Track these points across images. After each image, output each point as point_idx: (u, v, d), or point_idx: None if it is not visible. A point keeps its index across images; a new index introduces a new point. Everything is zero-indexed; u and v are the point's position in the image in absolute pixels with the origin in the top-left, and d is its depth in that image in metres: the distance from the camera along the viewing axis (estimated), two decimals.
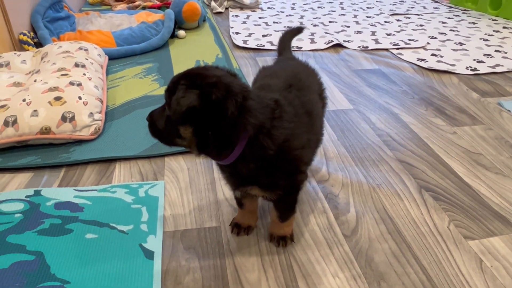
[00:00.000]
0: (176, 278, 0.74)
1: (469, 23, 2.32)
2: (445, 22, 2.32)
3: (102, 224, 0.84)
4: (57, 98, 1.13)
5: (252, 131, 0.65)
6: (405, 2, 2.77)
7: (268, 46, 1.89)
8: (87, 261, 0.76)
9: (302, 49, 1.87)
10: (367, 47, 1.91)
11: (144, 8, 2.31)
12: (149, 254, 0.77)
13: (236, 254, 0.79)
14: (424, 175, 1.04)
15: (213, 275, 0.75)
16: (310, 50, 1.87)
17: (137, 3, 2.37)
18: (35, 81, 1.24)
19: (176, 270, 0.75)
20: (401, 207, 0.93)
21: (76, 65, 1.32)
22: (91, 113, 1.15)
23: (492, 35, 2.11)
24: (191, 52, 1.79)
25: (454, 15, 2.48)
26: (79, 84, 1.21)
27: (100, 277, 0.72)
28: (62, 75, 1.24)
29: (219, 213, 0.90)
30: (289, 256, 0.79)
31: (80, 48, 1.44)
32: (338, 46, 1.92)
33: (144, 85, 1.48)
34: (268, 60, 1.74)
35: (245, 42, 1.93)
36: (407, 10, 2.57)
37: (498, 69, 1.69)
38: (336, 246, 0.82)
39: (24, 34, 1.60)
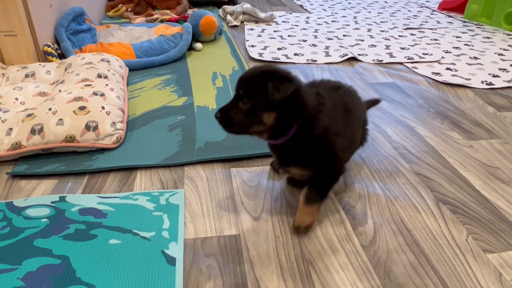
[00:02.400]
0: (198, 284, 0.75)
1: (483, 37, 2.32)
2: (459, 37, 2.33)
3: (125, 230, 0.86)
4: (82, 108, 1.16)
5: (308, 114, 0.81)
6: (419, 16, 2.79)
7: (283, 59, 1.92)
8: (111, 266, 0.78)
9: (317, 62, 1.90)
10: (382, 60, 1.93)
11: (162, 21, 2.37)
12: (171, 260, 0.79)
13: (256, 263, 0.81)
14: (441, 188, 1.04)
15: (233, 283, 0.76)
16: (325, 63, 1.90)
17: (155, 16, 2.44)
18: (60, 91, 1.28)
19: (197, 276, 0.77)
20: (418, 220, 0.93)
21: (99, 76, 1.37)
22: (114, 122, 1.19)
23: (507, 50, 2.11)
24: (208, 64, 1.83)
25: (468, 29, 2.49)
26: (102, 95, 1.24)
27: (124, 281, 0.74)
28: (85, 85, 1.28)
29: (238, 221, 0.92)
30: (308, 265, 0.81)
31: (102, 60, 1.49)
32: (353, 59, 1.94)
33: (163, 96, 1.51)
34: None
35: (260, 55, 1.96)
36: (421, 24, 2.58)
37: None
38: (354, 256, 0.83)
39: (49, 46, 1.66)
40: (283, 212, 0.95)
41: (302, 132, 0.82)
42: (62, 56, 1.73)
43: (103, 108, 1.19)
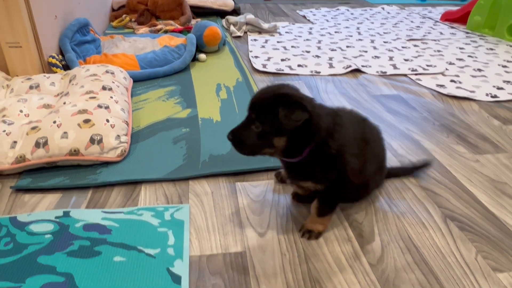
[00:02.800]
0: None
1: (486, 49, 2.33)
2: (462, 48, 2.33)
3: (130, 247, 0.85)
4: (86, 121, 1.16)
5: (322, 137, 0.81)
6: (422, 27, 2.80)
7: (287, 71, 1.92)
8: (116, 284, 0.76)
9: (320, 74, 1.90)
10: (385, 72, 1.93)
11: (166, 32, 2.38)
12: (177, 279, 0.78)
13: (262, 281, 0.80)
14: (448, 204, 1.03)
15: None
16: (329, 74, 1.90)
17: (159, 27, 2.45)
18: (64, 103, 1.28)
19: None
20: (426, 237, 0.92)
21: (104, 88, 1.36)
22: (118, 135, 1.18)
23: (511, 62, 2.11)
24: (211, 76, 1.83)
25: (471, 40, 2.49)
26: (107, 107, 1.24)
27: None
28: (90, 98, 1.28)
29: (244, 238, 0.91)
30: (315, 284, 0.79)
31: (107, 72, 1.49)
32: (357, 71, 1.94)
33: (167, 108, 1.51)
34: None
35: (264, 66, 1.96)
36: (424, 35, 2.59)
37: None
38: (362, 275, 0.81)
39: (53, 57, 1.66)
40: (289, 228, 0.94)
41: (316, 152, 0.82)
42: (66, 67, 1.74)
43: (107, 121, 1.19)
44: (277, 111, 0.76)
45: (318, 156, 0.83)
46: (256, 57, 2.10)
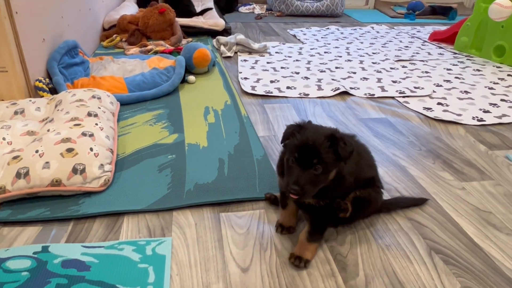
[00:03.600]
0: None
1: (473, 70, 2.36)
2: (450, 69, 2.36)
3: (108, 285, 0.83)
4: (69, 150, 1.15)
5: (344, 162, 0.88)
6: (410, 47, 2.83)
7: (276, 93, 1.93)
8: None
9: (309, 96, 1.91)
10: (373, 94, 1.94)
11: (156, 52, 2.38)
12: None
13: None
14: (433, 235, 1.02)
15: None
16: (318, 97, 1.91)
17: (149, 47, 2.45)
18: (48, 130, 1.26)
19: None
20: (411, 271, 0.91)
21: (89, 114, 1.35)
22: (102, 164, 1.17)
23: (497, 83, 2.14)
24: (200, 98, 1.83)
25: (458, 61, 2.53)
26: (91, 135, 1.23)
27: None
28: (75, 125, 1.27)
29: (226, 274, 0.89)
30: None
31: (93, 97, 1.48)
32: (345, 93, 1.95)
33: (154, 133, 1.50)
34: (276, 107, 1.77)
35: (253, 88, 1.97)
36: (412, 56, 2.62)
37: (504, 120, 1.70)
38: None
39: (40, 81, 1.65)
40: (273, 263, 0.92)
41: (336, 176, 0.89)
42: (54, 90, 1.73)
43: (91, 149, 1.18)
44: (334, 149, 0.84)
45: (335, 180, 0.89)
46: (246, 78, 2.10)
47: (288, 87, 2.00)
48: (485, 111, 1.78)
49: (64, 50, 1.86)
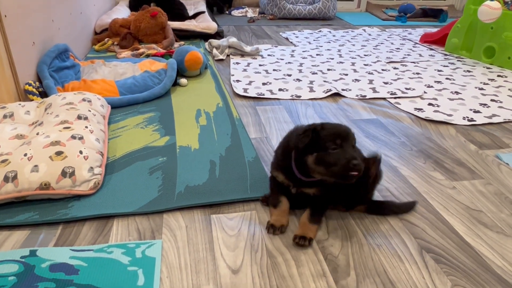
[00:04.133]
0: None
1: (464, 71, 2.38)
2: (440, 70, 2.38)
3: None
4: (58, 153, 1.14)
5: None
6: (401, 49, 2.85)
7: (268, 95, 1.93)
8: None
9: (301, 98, 1.91)
10: (365, 96, 1.95)
11: (148, 56, 2.38)
12: None
13: None
14: (424, 234, 1.03)
15: None
16: (309, 99, 1.91)
17: (141, 50, 2.45)
18: (37, 134, 1.25)
19: None
20: (402, 270, 0.91)
21: (79, 117, 1.34)
22: (91, 167, 1.16)
23: (487, 84, 2.15)
24: (192, 101, 1.83)
25: (449, 62, 2.55)
26: (81, 138, 1.22)
27: None
28: (64, 128, 1.26)
29: (217, 276, 0.88)
30: None
31: (84, 100, 1.47)
32: (337, 94, 1.96)
33: (145, 136, 1.49)
34: (268, 109, 1.77)
35: (245, 90, 1.97)
36: (404, 57, 2.64)
37: (494, 120, 1.71)
38: None
39: (30, 84, 1.64)
40: (263, 264, 0.92)
41: None
42: (44, 94, 1.71)
43: (81, 152, 1.17)
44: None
45: None
46: (238, 81, 2.10)
47: (280, 89, 2.00)
48: (476, 111, 1.80)
49: (55, 53, 1.85)
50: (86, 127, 1.30)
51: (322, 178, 0.98)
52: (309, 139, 0.95)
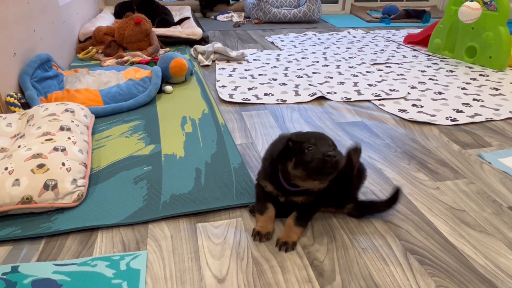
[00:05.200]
0: None
1: (447, 71, 2.41)
2: (424, 71, 2.41)
3: None
4: (40, 166, 1.12)
5: None
6: (386, 51, 2.88)
7: (253, 100, 1.93)
8: None
9: (286, 102, 1.92)
10: (350, 98, 1.96)
11: (132, 63, 2.36)
12: None
13: None
14: (409, 236, 1.04)
15: None
16: (295, 103, 1.92)
17: (125, 58, 2.43)
18: (19, 146, 1.24)
19: None
20: (387, 273, 0.92)
21: (62, 128, 1.33)
22: (74, 179, 1.15)
23: (469, 83, 2.19)
24: (177, 108, 1.82)
25: (432, 63, 2.58)
26: (63, 150, 1.21)
27: None
28: (46, 140, 1.25)
29: (202, 285, 0.88)
30: None
31: (67, 110, 1.46)
32: (322, 98, 1.97)
33: (130, 145, 1.48)
34: (253, 114, 1.78)
35: (231, 96, 1.97)
36: (388, 59, 2.67)
37: (477, 119, 1.74)
38: None
39: (11, 96, 1.62)
40: (249, 272, 0.92)
41: None
42: (27, 105, 1.69)
43: (63, 164, 1.15)
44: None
45: None
46: (223, 86, 2.10)
47: (265, 94, 2.01)
48: (458, 111, 1.82)
49: (37, 63, 1.83)
50: (69, 138, 1.29)
51: (304, 185, 0.98)
52: (283, 147, 0.95)
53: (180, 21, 3.31)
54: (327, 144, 0.95)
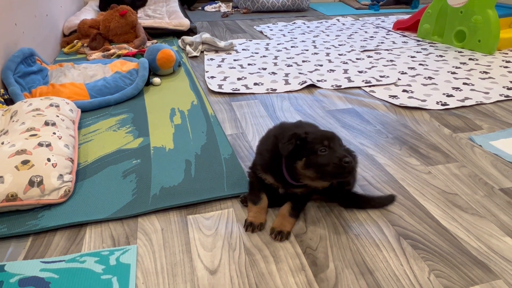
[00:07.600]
0: None
1: (436, 56, 2.40)
2: (414, 56, 2.40)
3: None
4: (25, 162, 1.09)
5: None
6: (375, 37, 2.87)
7: (243, 90, 1.90)
8: None
9: (276, 91, 1.90)
10: (340, 86, 1.95)
11: (119, 56, 2.32)
12: None
13: None
14: (401, 221, 1.03)
15: None
16: (285, 91, 1.90)
17: (112, 51, 2.39)
18: (2, 143, 1.20)
19: None
20: (380, 259, 0.91)
21: (46, 123, 1.30)
22: (61, 175, 1.12)
23: (459, 68, 2.18)
24: (166, 100, 1.79)
25: (422, 48, 2.57)
26: (48, 145, 1.18)
27: None
28: (30, 135, 1.21)
29: (194, 278, 0.87)
30: None
31: (51, 105, 1.42)
32: (312, 86, 1.95)
33: (118, 138, 1.45)
34: (243, 104, 1.75)
35: (220, 86, 1.94)
36: (377, 45, 2.65)
37: (467, 103, 1.74)
38: None
39: None
40: (242, 263, 0.90)
41: None
42: (10, 101, 1.65)
43: (48, 160, 1.13)
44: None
45: None
46: (212, 77, 2.07)
47: (255, 84, 1.98)
48: (449, 95, 1.82)
49: (20, 58, 1.78)
50: (54, 133, 1.26)
51: (311, 183, 0.98)
52: (293, 146, 0.94)
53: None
54: (338, 145, 0.95)
